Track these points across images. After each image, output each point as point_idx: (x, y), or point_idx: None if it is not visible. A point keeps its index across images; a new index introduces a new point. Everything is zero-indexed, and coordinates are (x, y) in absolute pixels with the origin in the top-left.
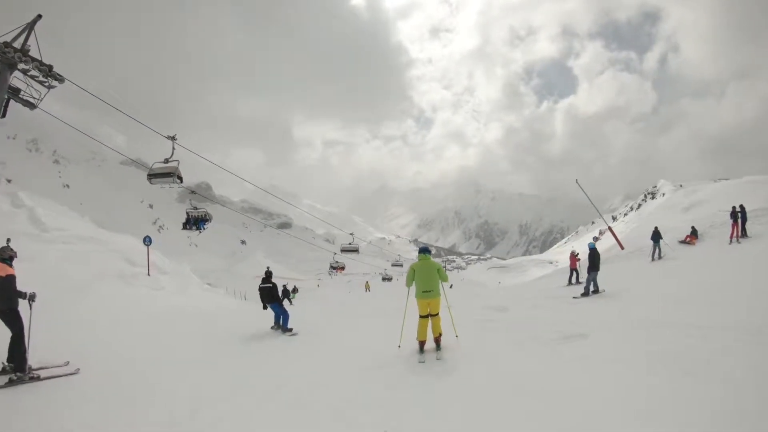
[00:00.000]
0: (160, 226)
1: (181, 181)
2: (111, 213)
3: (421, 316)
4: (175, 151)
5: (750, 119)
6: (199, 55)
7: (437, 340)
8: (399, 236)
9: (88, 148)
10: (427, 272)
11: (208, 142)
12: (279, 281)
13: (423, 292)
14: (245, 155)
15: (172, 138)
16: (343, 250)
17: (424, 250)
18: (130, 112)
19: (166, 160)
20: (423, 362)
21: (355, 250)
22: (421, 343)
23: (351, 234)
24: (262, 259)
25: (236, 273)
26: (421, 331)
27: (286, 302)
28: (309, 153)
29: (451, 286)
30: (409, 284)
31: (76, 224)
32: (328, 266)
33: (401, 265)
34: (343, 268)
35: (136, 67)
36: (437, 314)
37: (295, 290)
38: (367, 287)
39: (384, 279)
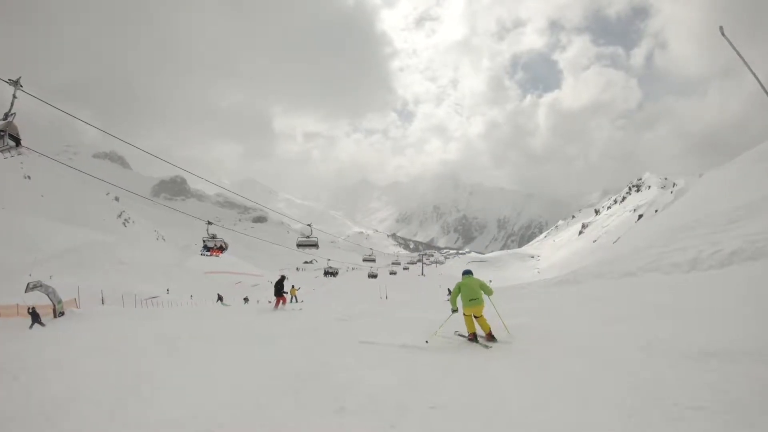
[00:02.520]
0: (125, 220)
1: (18, 144)
2: (74, 205)
3: (465, 315)
4: (16, 100)
5: (733, 117)
6: (178, 44)
7: (489, 335)
8: (377, 230)
9: (63, 141)
10: (470, 288)
11: (186, 134)
12: (246, 278)
13: (469, 300)
14: (224, 148)
15: (15, 83)
16: (300, 245)
17: (467, 272)
18: (105, 102)
19: (5, 116)
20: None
21: (314, 245)
22: (472, 335)
23: (309, 225)
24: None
25: (187, 268)
26: (469, 324)
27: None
28: (289, 146)
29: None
30: (453, 302)
31: None
32: (323, 272)
33: (374, 260)
34: (335, 274)
35: (113, 55)
36: (481, 315)
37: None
38: (293, 294)
39: (371, 276)
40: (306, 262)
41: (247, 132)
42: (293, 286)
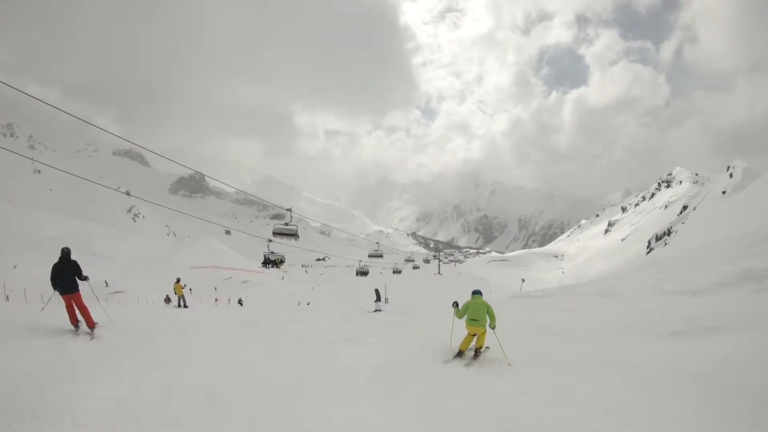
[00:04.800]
0: (135, 215)
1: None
2: (84, 200)
3: (468, 335)
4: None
5: (763, 113)
6: (199, 41)
7: (477, 351)
8: (397, 229)
9: (84, 139)
10: (476, 307)
11: (206, 132)
12: (241, 274)
13: (470, 320)
14: (245, 146)
15: None
16: (276, 233)
17: (477, 292)
18: (127, 100)
19: None
20: (446, 362)
21: (292, 234)
22: (460, 351)
23: (289, 210)
24: (216, 245)
25: (172, 262)
26: (465, 342)
27: None
28: (310, 144)
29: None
30: (460, 316)
31: None
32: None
33: (381, 256)
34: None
35: (135, 53)
36: (483, 334)
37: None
38: (179, 294)
39: (359, 273)
40: (318, 260)
41: (267, 129)
42: (178, 281)
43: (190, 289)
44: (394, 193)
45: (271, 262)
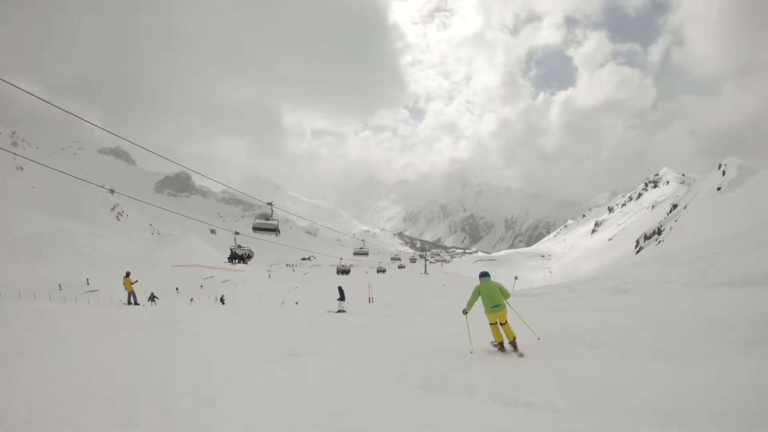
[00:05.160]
0: (118, 213)
1: None
2: (66, 197)
3: (490, 324)
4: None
5: (749, 116)
6: (186, 38)
7: (513, 343)
8: (383, 229)
9: (70, 136)
10: (490, 292)
11: (193, 130)
12: (222, 273)
13: (492, 307)
14: (231, 145)
15: None
16: (256, 228)
17: (485, 274)
18: (113, 97)
19: None
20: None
21: (273, 229)
22: (500, 344)
23: (269, 204)
24: (198, 244)
25: (153, 261)
26: (496, 333)
27: None
28: (298, 144)
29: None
30: (470, 305)
31: None
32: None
33: (366, 254)
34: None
35: (121, 50)
36: (506, 322)
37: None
38: (128, 287)
39: (341, 272)
40: (304, 259)
41: (254, 129)
42: (127, 275)
43: (177, 288)
44: (381, 193)
45: (238, 257)
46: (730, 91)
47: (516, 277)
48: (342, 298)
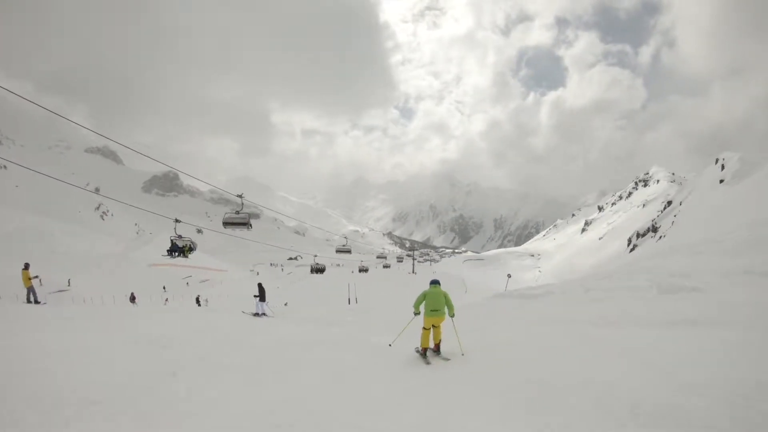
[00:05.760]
0: (103, 213)
1: None
2: (50, 197)
3: (424, 329)
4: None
5: (737, 116)
6: (174, 35)
7: (437, 346)
8: (372, 229)
9: (57, 135)
10: (435, 297)
11: (181, 129)
12: (203, 272)
13: (431, 311)
14: (220, 144)
15: None
16: (226, 223)
17: (435, 282)
18: (100, 95)
19: None
20: (429, 364)
21: (244, 223)
22: (424, 350)
23: (239, 196)
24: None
25: (131, 260)
26: (425, 339)
27: None
28: (287, 143)
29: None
30: (417, 306)
31: None
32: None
33: (349, 251)
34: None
35: (107, 47)
36: (439, 326)
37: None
38: (25, 283)
39: (315, 271)
40: (290, 258)
41: (243, 128)
42: (26, 267)
43: (164, 286)
44: (370, 193)
45: (179, 249)
46: (719, 92)
47: (509, 275)
48: (262, 298)
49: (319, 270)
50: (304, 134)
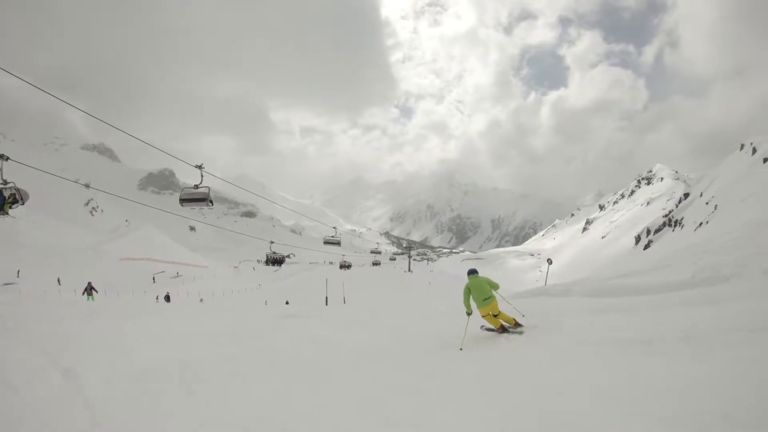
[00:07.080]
0: (93, 208)
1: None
2: (41, 192)
3: (483, 317)
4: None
5: (738, 118)
6: (172, 31)
7: (516, 324)
8: (370, 228)
9: (52, 132)
10: (480, 287)
11: (178, 127)
12: (177, 267)
13: (482, 300)
14: (218, 142)
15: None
16: (183, 200)
17: (473, 271)
18: (95, 92)
19: None
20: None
21: (203, 199)
22: (501, 328)
23: (199, 167)
24: (155, 236)
25: (101, 253)
26: (492, 322)
27: None
28: (285, 142)
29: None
30: (466, 302)
31: None
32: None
33: (338, 243)
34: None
35: (104, 43)
36: (499, 313)
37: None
38: None
39: (271, 262)
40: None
41: (241, 126)
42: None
43: (153, 279)
44: (368, 193)
45: (277, 261)
46: (722, 93)
47: (549, 261)
48: (167, 299)
49: (276, 261)
50: (302, 132)
